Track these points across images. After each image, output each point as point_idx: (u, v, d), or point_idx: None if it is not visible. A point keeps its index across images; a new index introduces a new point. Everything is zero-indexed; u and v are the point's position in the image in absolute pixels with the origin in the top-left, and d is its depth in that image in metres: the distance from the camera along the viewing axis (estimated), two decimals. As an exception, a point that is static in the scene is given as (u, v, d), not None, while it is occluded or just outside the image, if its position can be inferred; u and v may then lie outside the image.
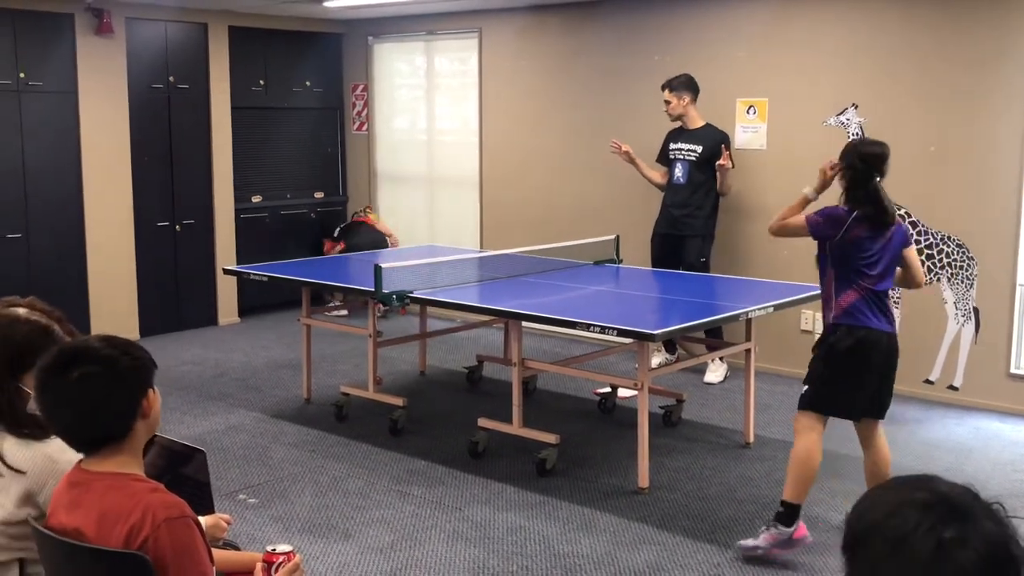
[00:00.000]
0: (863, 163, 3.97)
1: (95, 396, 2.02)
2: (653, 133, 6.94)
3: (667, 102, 6.56)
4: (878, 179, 3.96)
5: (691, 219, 6.61)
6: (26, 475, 2.28)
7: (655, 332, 4.44)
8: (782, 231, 4.24)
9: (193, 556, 2.00)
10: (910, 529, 1.27)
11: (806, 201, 4.20)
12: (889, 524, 1.29)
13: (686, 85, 6.56)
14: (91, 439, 2.08)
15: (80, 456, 2.12)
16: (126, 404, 2.06)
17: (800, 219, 4.12)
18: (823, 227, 4.00)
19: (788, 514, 4.00)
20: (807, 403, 4.05)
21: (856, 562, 1.33)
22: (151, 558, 1.95)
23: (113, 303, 7.63)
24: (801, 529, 4.01)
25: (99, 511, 2.01)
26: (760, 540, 4.02)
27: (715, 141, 6.55)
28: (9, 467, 2.29)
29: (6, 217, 7.10)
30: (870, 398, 4.07)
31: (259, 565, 2.23)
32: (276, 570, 2.21)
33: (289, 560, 2.21)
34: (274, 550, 2.23)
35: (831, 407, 4.06)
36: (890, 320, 4.04)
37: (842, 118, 6.38)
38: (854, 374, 4.00)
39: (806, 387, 4.08)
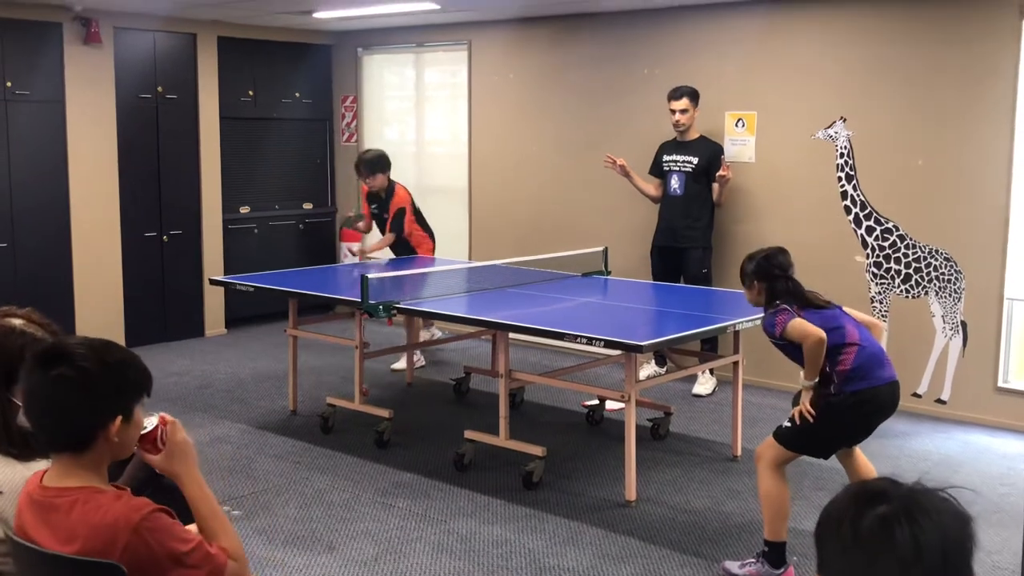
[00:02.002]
0: (780, 270, 3.96)
1: (61, 401, 1.99)
2: (642, 145, 6.94)
3: (684, 111, 6.52)
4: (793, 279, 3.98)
5: (691, 231, 6.61)
6: (2, 495, 2.24)
7: (643, 343, 4.42)
8: (813, 335, 3.85)
9: (176, 539, 2.00)
10: (851, 514, 1.35)
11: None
12: (838, 511, 1.38)
13: (698, 96, 6.56)
14: (50, 442, 2.07)
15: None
16: (89, 418, 2.01)
17: (794, 329, 3.88)
18: (791, 314, 3.87)
19: (774, 554, 3.92)
20: (784, 440, 3.92)
21: (819, 550, 1.40)
22: (137, 563, 1.94)
23: (100, 313, 7.58)
24: (790, 572, 3.95)
25: (68, 529, 1.98)
26: (743, 572, 3.97)
27: (711, 153, 6.56)
28: None
29: (-9, 226, 7.07)
30: (855, 442, 4.04)
31: (138, 450, 2.16)
32: (163, 441, 2.14)
33: (164, 424, 2.15)
34: (144, 428, 2.13)
35: (806, 451, 3.96)
36: (890, 366, 3.94)
37: (830, 132, 6.39)
38: (850, 432, 3.95)
39: (788, 425, 3.93)
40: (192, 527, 2.35)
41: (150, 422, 2.15)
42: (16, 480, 2.24)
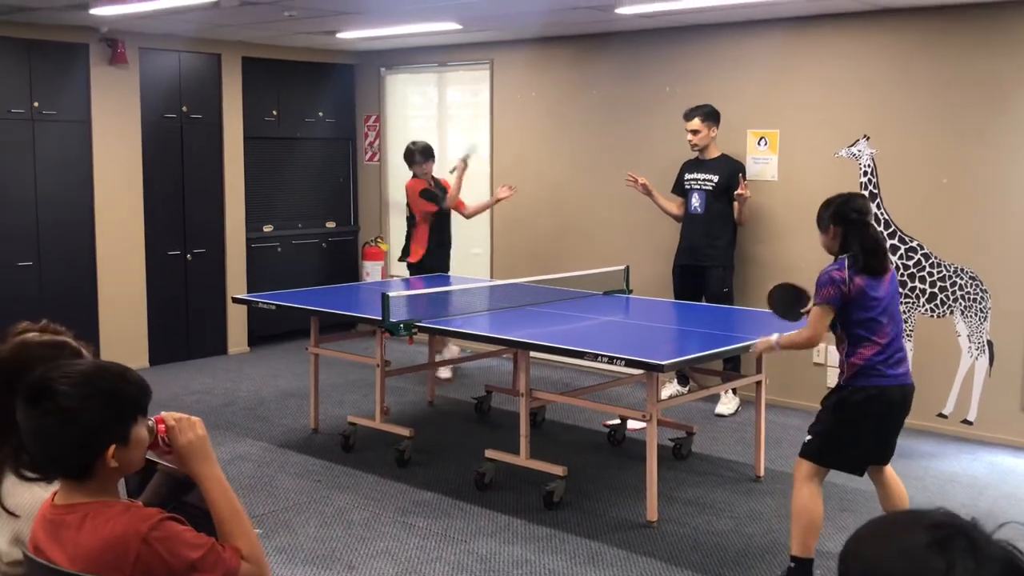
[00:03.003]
0: (857, 213, 3.93)
1: (51, 438, 1.98)
2: (664, 163, 6.93)
3: (696, 131, 6.51)
4: (872, 226, 3.96)
5: (712, 249, 6.58)
6: (19, 519, 2.24)
7: (664, 363, 4.39)
8: (815, 337, 3.99)
9: (187, 545, 1.97)
10: (918, 552, 1.18)
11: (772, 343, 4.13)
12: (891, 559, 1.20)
13: (714, 116, 6.54)
14: (51, 473, 2.08)
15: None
16: (80, 453, 1.99)
17: (812, 314, 3.97)
18: (836, 293, 3.86)
19: (801, 571, 3.89)
20: (810, 454, 3.94)
21: None
22: (152, 573, 1.93)
23: (123, 331, 7.63)
24: None
25: (78, 545, 1.98)
26: None
27: (732, 171, 6.54)
28: (5, 509, 2.25)
29: (18, 245, 7.13)
30: (878, 450, 4.01)
31: (160, 427, 2.12)
32: (167, 444, 2.10)
33: (159, 425, 2.10)
34: (152, 424, 2.08)
35: (835, 463, 3.96)
36: (906, 368, 3.94)
37: (854, 150, 6.35)
38: (864, 433, 3.91)
39: (810, 437, 3.95)
40: None
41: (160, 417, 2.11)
42: (34, 503, 2.23)
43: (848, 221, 3.93)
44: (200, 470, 2.11)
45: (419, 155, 7.35)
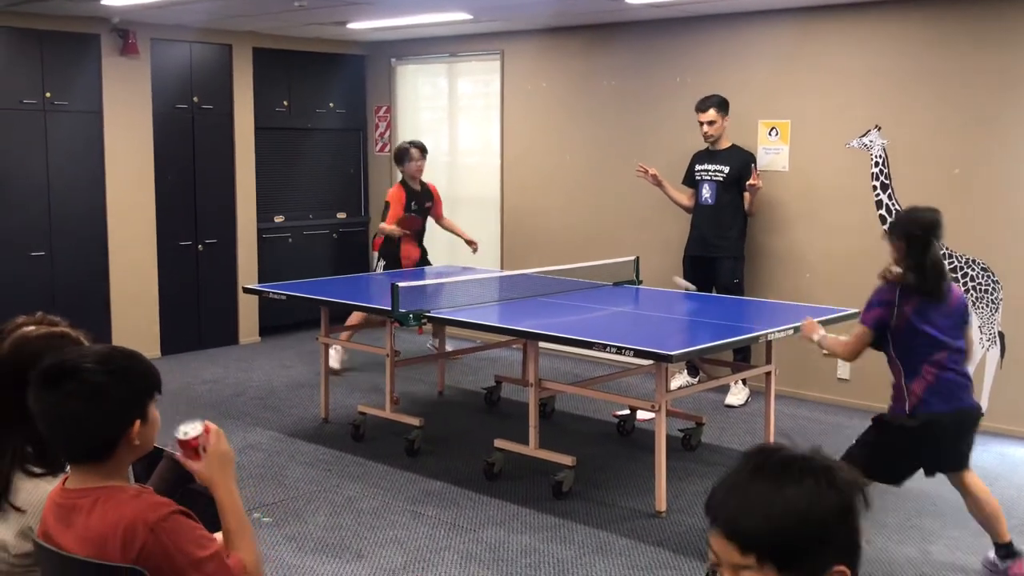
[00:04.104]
0: (923, 231, 3.81)
1: (78, 418, 1.99)
2: (674, 154, 6.92)
3: (711, 122, 6.49)
4: (935, 246, 3.81)
5: (722, 240, 6.57)
6: (25, 514, 2.26)
7: (672, 353, 4.39)
8: (850, 355, 4.02)
9: (195, 543, 1.99)
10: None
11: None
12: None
13: (726, 106, 6.52)
14: (70, 456, 2.08)
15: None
16: (108, 430, 2.02)
17: (856, 330, 3.94)
18: (879, 317, 3.82)
19: (1002, 551, 4.02)
20: (853, 461, 3.83)
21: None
22: (155, 563, 1.95)
23: (135, 321, 7.66)
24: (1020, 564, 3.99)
25: (88, 529, 2.00)
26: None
27: (742, 162, 6.52)
28: (11, 505, 2.26)
29: (31, 235, 7.17)
30: (941, 462, 4.00)
31: (178, 455, 2.17)
32: (204, 448, 2.14)
33: (207, 433, 2.14)
34: (186, 435, 2.12)
35: (878, 477, 3.88)
36: (961, 395, 3.89)
37: (865, 140, 6.33)
38: (903, 457, 3.91)
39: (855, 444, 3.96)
40: (218, 535, 2.36)
41: (194, 428, 2.15)
42: (40, 498, 2.24)
43: (911, 237, 3.80)
44: (221, 479, 2.15)
45: (416, 150, 7.35)
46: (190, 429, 2.14)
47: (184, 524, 2.01)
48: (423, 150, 7.43)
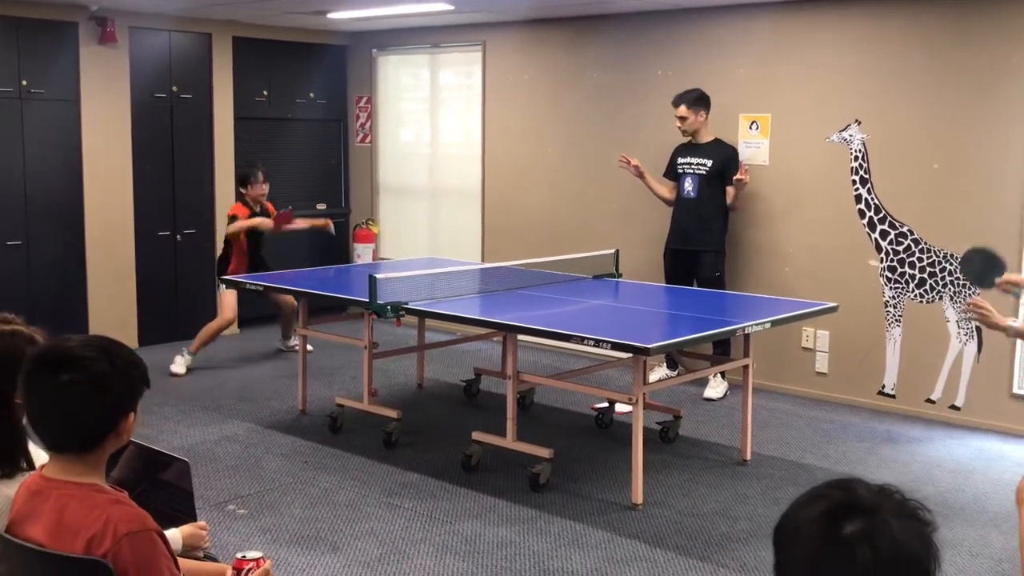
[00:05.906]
0: None
1: (75, 408, 1.96)
2: (656, 147, 6.91)
3: (683, 118, 6.48)
4: None
5: (704, 234, 6.56)
6: None
7: (650, 346, 4.39)
8: None
9: (157, 570, 1.95)
10: (804, 521, 1.36)
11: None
12: (793, 516, 1.39)
13: (702, 101, 6.50)
14: (58, 445, 2.04)
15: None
16: (103, 423, 2.00)
17: None
18: None
19: None
20: None
21: (774, 552, 1.43)
22: (117, 569, 1.91)
23: (112, 311, 7.61)
24: None
25: (55, 521, 1.97)
26: None
27: (725, 155, 6.52)
28: None
29: (6, 224, 7.10)
30: None
31: (229, 573, 2.19)
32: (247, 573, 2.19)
33: (259, 566, 2.18)
34: (244, 556, 2.22)
35: None
36: None
37: (845, 135, 6.34)
38: None
39: None
40: (184, 527, 2.35)
41: (252, 555, 2.23)
42: (6, 499, 2.20)
43: None
44: None
45: (261, 174, 7.23)
46: (250, 553, 2.25)
47: (155, 547, 1.97)
48: (267, 175, 7.30)
